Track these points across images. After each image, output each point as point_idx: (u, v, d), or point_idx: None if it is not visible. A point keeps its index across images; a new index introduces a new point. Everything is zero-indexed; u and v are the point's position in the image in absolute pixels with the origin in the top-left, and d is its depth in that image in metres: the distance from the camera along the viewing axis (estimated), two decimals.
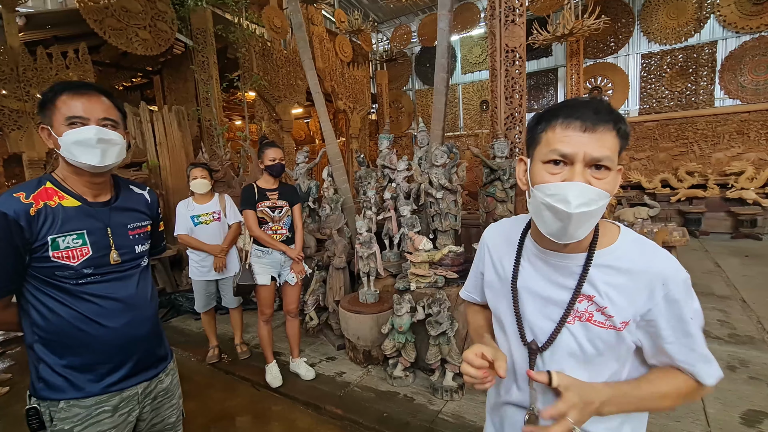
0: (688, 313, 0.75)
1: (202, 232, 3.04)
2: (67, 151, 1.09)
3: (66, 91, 1.10)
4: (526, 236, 0.88)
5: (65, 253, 1.10)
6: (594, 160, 0.70)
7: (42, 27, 5.78)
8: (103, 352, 1.16)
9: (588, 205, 0.69)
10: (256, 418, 2.58)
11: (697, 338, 0.76)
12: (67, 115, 1.08)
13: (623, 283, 0.76)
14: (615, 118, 0.71)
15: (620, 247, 0.79)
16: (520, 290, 0.86)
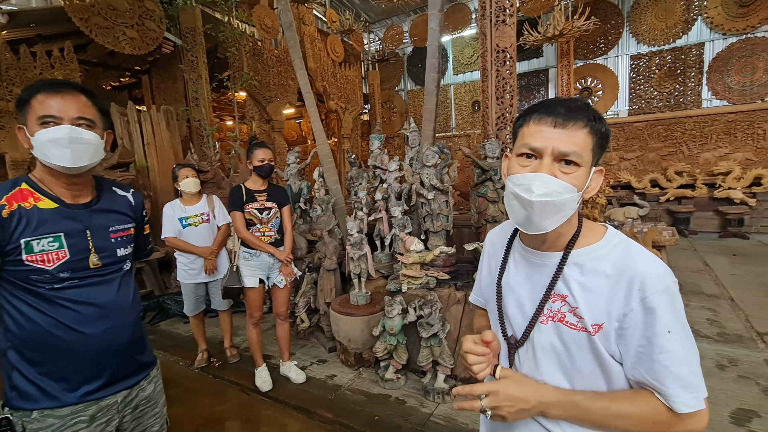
0: (666, 324, 0.68)
1: (190, 234, 2.99)
2: (39, 152, 1.06)
3: (43, 89, 1.06)
4: (516, 236, 0.90)
5: (40, 256, 1.06)
6: (562, 155, 0.72)
7: (26, 25, 5.65)
8: (80, 359, 1.12)
9: (550, 196, 0.71)
10: (245, 423, 2.54)
11: (674, 355, 0.68)
12: (39, 114, 1.04)
13: (598, 285, 0.73)
14: (589, 116, 0.73)
15: (601, 248, 0.77)
16: (504, 287, 0.88)
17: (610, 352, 0.73)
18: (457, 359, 2.61)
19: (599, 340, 0.73)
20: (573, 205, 0.74)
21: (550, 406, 0.74)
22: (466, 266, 3.27)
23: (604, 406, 0.72)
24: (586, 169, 0.74)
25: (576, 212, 0.79)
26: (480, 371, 0.81)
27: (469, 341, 0.83)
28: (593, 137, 0.73)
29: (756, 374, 2.58)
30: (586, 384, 0.76)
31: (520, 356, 0.84)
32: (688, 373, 0.68)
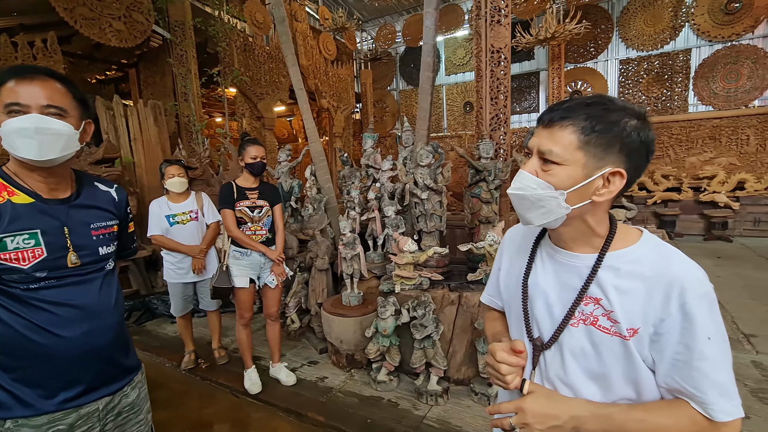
0: (705, 331, 0.66)
1: (178, 232, 2.91)
2: (6, 143, 0.98)
3: (14, 76, 0.98)
4: (544, 235, 0.87)
5: (14, 254, 0.99)
6: (541, 153, 0.74)
7: (7, 14, 5.47)
8: (57, 364, 1.05)
9: (522, 190, 0.76)
10: (234, 426, 2.48)
11: (714, 362, 0.66)
12: (6, 101, 0.96)
13: (635, 288, 0.71)
14: (580, 115, 0.70)
15: (637, 251, 0.74)
16: (531, 287, 0.85)
17: (642, 357, 0.71)
18: (450, 360, 2.59)
19: (634, 345, 0.70)
20: (556, 203, 0.73)
21: (583, 421, 0.71)
22: (459, 267, 3.25)
23: (640, 419, 0.69)
24: (573, 168, 0.71)
25: (602, 214, 0.77)
26: (511, 382, 0.78)
27: (500, 351, 0.80)
28: (584, 135, 0.70)
29: (744, 376, 2.61)
30: (614, 390, 0.74)
31: (546, 359, 0.81)
32: (726, 380, 0.67)
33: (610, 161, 0.70)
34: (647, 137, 0.70)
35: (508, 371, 0.78)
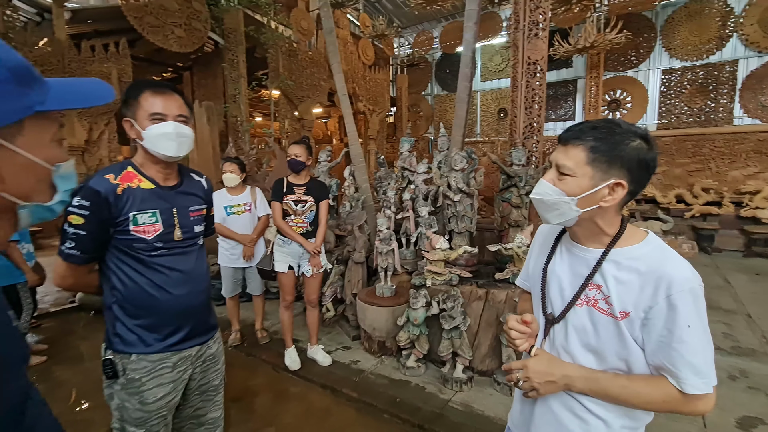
0: (686, 320, 0.79)
1: (233, 221, 3.25)
2: (149, 143, 1.26)
3: (148, 89, 1.27)
4: (565, 233, 1.05)
5: (142, 228, 1.29)
6: (558, 167, 0.91)
7: (84, 21, 6.11)
8: (167, 315, 1.33)
9: (540, 195, 0.94)
10: (276, 396, 2.77)
11: (691, 346, 0.79)
12: (150, 111, 1.25)
13: (630, 280, 0.86)
14: (588, 137, 0.87)
15: (639, 250, 0.89)
16: (549, 273, 1.03)
17: (633, 337, 0.86)
18: (475, 352, 2.77)
19: (624, 325, 0.85)
20: (568, 208, 0.89)
21: (574, 381, 0.90)
22: (487, 267, 3.43)
23: (623, 385, 0.86)
24: (582, 179, 0.87)
25: (613, 216, 0.92)
26: (520, 345, 0.99)
27: (513, 320, 1.00)
28: (591, 153, 0.86)
29: (765, 386, 2.65)
30: (608, 361, 0.90)
31: (555, 331, 0.99)
32: (701, 363, 0.80)
33: (614, 174, 0.85)
34: (647, 156, 0.84)
35: (516, 336, 0.99)
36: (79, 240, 1.21)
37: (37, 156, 0.55)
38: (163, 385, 1.30)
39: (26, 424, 0.60)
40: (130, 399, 1.27)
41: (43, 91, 0.54)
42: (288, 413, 2.56)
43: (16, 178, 0.53)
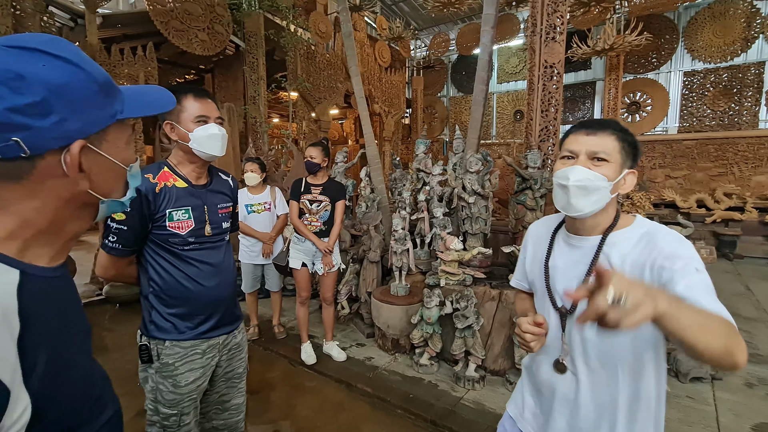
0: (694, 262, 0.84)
1: (253, 220, 3.37)
2: (197, 143, 1.36)
3: (190, 93, 1.38)
4: (561, 227, 1.10)
5: (177, 224, 1.39)
6: (593, 153, 0.94)
7: (114, 26, 6.36)
8: (199, 305, 1.43)
9: (580, 181, 0.93)
10: (292, 389, 2.86)
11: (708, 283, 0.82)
12: (195, 114, 1.36)
13: (630, 252, 0.92)
14: (616, 127, 0.95)
15: (631, 230, 0.97)
16: (551, 268, 1.07)
17: None
18: (487, 352, 2.81)
19: None
20: (606, 192, 0.93)
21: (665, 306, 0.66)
22: (500, 269, 3.46)
23: (700, 311, 0.74)
24: (615, 165, 0.94)
25: (614, 205, 0.98)
26: (534, 347, 1.00)
27: (525, 322, 1.00)
28: (620, 142, 0.94)
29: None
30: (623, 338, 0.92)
31: (570, 323, 1.02)
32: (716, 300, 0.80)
33: (628, 164, 0.96)
34: (640, 150, 0.98)
35: (531, 339, 0.99)
36: (121, 234, 1.31)
37: (117, 158, 0.63)
38: (194, 370, 1.40)
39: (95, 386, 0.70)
40: (164, 382, 1.37)
41: (121, 101, 0.63)
42: (304, 406, 2.65)
43: (101, 178, 0.61)
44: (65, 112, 0.54)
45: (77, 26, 6.08)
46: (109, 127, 0.60)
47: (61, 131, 0.54)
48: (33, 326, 0.53)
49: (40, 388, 0.53)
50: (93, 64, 0.59)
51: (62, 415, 0.58)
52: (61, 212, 0.60)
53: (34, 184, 0.55)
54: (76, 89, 0.55)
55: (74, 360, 0.63)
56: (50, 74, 0.52)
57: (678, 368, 2.76)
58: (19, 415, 0.49)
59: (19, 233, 0.56)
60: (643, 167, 7.92)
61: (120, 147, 0.63)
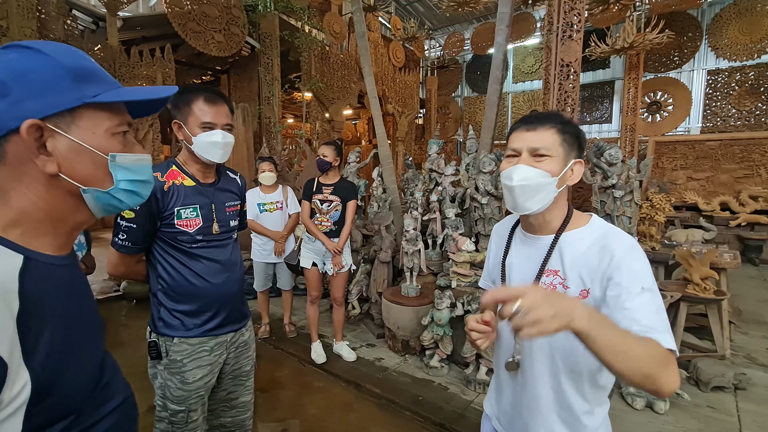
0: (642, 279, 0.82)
1: (266, 218, 3.39)
2: (198, 148, 1.38)
3: (201, 97, 1.37)
4: (518, 226, 1.10)
5: (185, 222, 1.39)
6: (533, 150, 0.93)
7: (134, 28, 6.52)
8: (206, 302, 1.43)
9: (524, 180, 0.91)
10: (302, 388, 2.86)
11: (655, 301, 0.81)
12: (201, 120, 1.36)
13: (582, 259, 0.91)
14: (556, 120, 0.94)
15: (585, 231, 0.95)
16: (508, 266, 1.07)
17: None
18: None
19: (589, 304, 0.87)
20: (552, 188, 0.92)
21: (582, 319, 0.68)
22: None
23: (624, 333, 0.74)
24: (558, 159, 0.92)
25: (564, 199, 0.98)
26: (482, 345, 0.94)
27: (472, 320, 0.94)
28: (561, 135, 0.92)
29: None
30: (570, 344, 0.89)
31: None
32: (661, 321, 0.79)
33: (573, 155, 0.95)
34: (585, 139, 0.97)
35: (477, 336, 0.93)
36: (130, 232, 1.33)
37: (91, 144, 0.62)
38: (202, 367, 1.40)
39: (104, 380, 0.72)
40: (172, 378, 1.38)
41: (101, 89, 0.63)
42: (312, 405, 2.65)
43: (74, 163, 0.62)
44: (22, 93, 0.56)
45: (98, 29, 6.25)
46: (80, 111, 0.61)
47: (18, 111, 0.56)
48: (34, 308, 0.55)
49: (41, 367, 0.55)
50: (68, 54, 0.61)
51: (66, 396, 0.60)
52: (52, 201, 0.62)
53: (14, 167, 0.59)
54: (38, 73, 0.57)
55: (80, 346, 0.65)
56: (14, 62, 0.56)
57: (698, 377, 2.66)
58: (18, 390, 0.52)
59: (19, 221, 0.60)
60: (663, 168, 7.70)
61: (98, 134, 0.63)
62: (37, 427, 0.56)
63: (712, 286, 2.89)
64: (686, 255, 2.96)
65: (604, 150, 3.06)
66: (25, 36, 4.30)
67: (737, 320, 3.74)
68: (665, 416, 2.39)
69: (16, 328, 0.52)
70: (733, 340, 3.35)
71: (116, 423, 0.71)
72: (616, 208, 2.99)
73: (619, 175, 3.00)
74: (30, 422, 0.54)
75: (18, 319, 0.53)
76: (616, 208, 2.99)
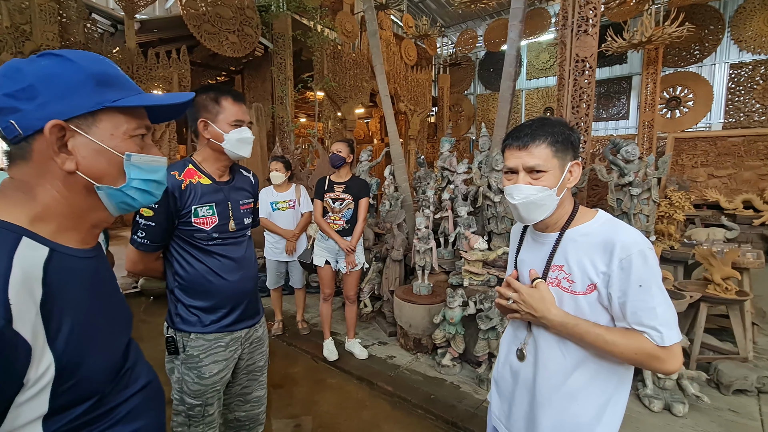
0: (638, 280, 0.88)
1: (278, 217, 3.43)
2: (230, 145, 1.41)
3: (230, 96, 1.42)
4: (529, 226, 1.14)
5: (202, 220, 1.42)
6: (530, 168, 0.98)
7: (151, 31, 6.65)
8: (222, 299, 1.46)
9: (527, 198, 0.97)
10: (314, 384, 2.89)
11: (655, 298, 0.88)
12: (233, 118, 1.40)
13: (588, 254, 0.95)
14: (546, 132, 0.97)
15: (591, 226, 1.00)
16: (519, 262, 1.14)
17: (604, 306, 0.94)
18: None
19: (591, 298, 0.95)
20: (553, 197, 0.98)
21: (550, 323, 0.97)
22: None
23: (599, 333, 0.92)
24: (554, 170, 0.97)
25: (570, 200, 1.04)
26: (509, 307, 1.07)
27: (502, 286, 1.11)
28: (552, 147, 0.97)
29: None
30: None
31: None
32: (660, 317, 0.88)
33: (569, 158, 0.99)
34: (578, 137, 1.01)
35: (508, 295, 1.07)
36: (149, 230, 1.36)
37: (108, 144, 0.66)
38: (218, 362, 1.43)
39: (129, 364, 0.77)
40: (189, 373, 1.41)
41: (121, 94, 0.67)
42: (325, 402, 2.67)
43: (91, 161, 0.66)
44: (48, 96, 0.60)
45: (117, 32, 6.40)
46: (101, 114, 0.65)
47: (44, 112, 0.60)
48: (57, 295, 0.59)
49: (64, 351, 0.59)
50: (93, 61, 0.65)
51: (88, 379, 0.64)
52: (72, 198, 0.66)
53: (38, 164, 0.63)
54: (63, 78, 0.62)
55: (103, 333, 0.69)
56: (44, 68, 0.61)
57: (719, 379, 2.59)
58: (43, 371, 0.56)
59: (46, 216, 0.64)
60: (683, 166, 7.50)
61: (116, 136, 0.67)
62: (63, 406, 0.60)
63: (734, 287, 2.80)
64: (707, 254, 2.89)
65: (621, 147, 2.99)
66: (47, 39, 4.43)
67: (761, 322, 3.62)
68: (684, 419, 2.33)
69: (39, 313, 0.56)
70: (757, 342, 3.25)
71: (141, 403, 0.75)
72: (633, 206, 2.93)
73: (636, 172, 2.94)
74: (56, 401, 0.58)
75: (41, 305, 0.56)
76: (633, 206, 2.93)
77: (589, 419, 0.99)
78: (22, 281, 0.55)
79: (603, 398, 0.99)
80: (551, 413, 1.01)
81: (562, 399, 1.00)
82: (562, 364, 1.00)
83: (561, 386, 1.00)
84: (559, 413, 1.00)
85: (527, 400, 1.06)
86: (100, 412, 0.67)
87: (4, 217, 0.60)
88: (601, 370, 0.98)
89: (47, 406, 0.57)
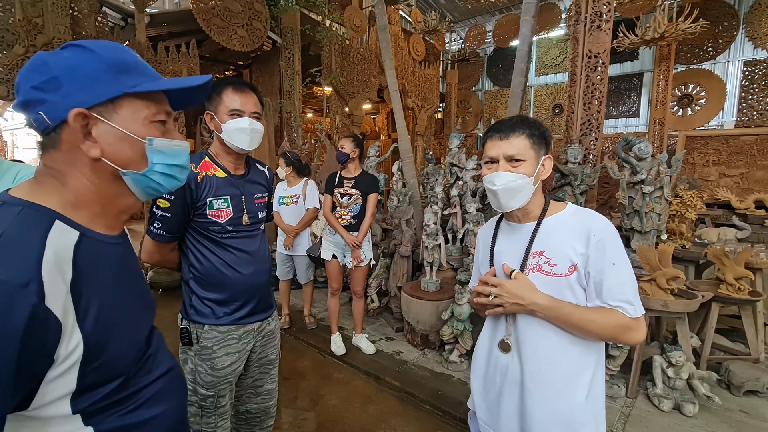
0: (612, 258, 1.00)
1: (282, 211, 3.45)
2: (227, 136, 1.41)
3: (230, 86, 1.41)
4: (502, 219, 1.24)
5: (216, 212, 1.42)
6: (509, 156, 1.06)
7: (160, 24, 6.66)
8: (235, 291, 1.47)
9: (506, 184, 1.05)
10: (321, 379, 2.90)
11: (625, 274, 1.00)
12: (230, 107, 1.39)
13: (566, 238, 1.05)
14: (524, 126, 1.07)
15: (564, 215, 1.10)
16: (496, 254, 1.19)
17: (582, 286, 1.04)
18: None
19: (570, 279, 1.03)
20: (529, 186, 1.07)
21: (539, 308, 1.03)
22: None
23: (581, 312, 1.01)
24: (531, 160, 1.06)
25: (541, 193, 1.14)
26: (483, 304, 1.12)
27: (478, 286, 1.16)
28: (530, 139, 1.06)
29: None
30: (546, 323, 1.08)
31: None
32: (630, 292, 1.00)
33: (543, 152, 1.09)
34: (550, 135, 1.11)
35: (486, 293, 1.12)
36: (165, 221, 1.37)
37: (129, 130, 0.68)
38: (230, 354, 1.44)
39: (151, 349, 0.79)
40: (202, 364, 1.42)
41: (140, 80, 0.68)
42: (333, 396, 2.69)
43: (115, 148, 0.67)
44: (71, 86, 0.63)
45: (127, 25, 6.41)
46: (121, 101, 0.67)
47: (68, 102, 0.62)
48: (86, 277, 0.62)
49: (92, 330, 0.61)
50: (112, 50, 0.67)
51: (114, 360, 0.66)
52: (99, 184, 0.68)
53: (67, 153, 0.65)
54: (84, 68, 0.64)
55: (128, 317, 0.71)
56: (66, 59, 0.63)
57: (730, 380, 2.57)
58: (73, 348, 0.58)
59: (77, 202, 0.66)
60: (694, 164, 7.40)
61: (137, 121, 0.69)
62: (90, 385, 0.63)
63: (747, 287, 2.77)
64: (720, 254, 2.85)
65: (633, 144, 2.96)
66: (58, 32, 4.46)
67: None
68: (694, 419, 2.32)
69: (69, 293, 0.59)
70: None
71: (163, 388, 0.78)
72: (644, 204, 2.90)
73: (648, 170, 2.91)
74: (83, 380, 0.61)
75: (71, 286, 0.59)
76: (644, 204, 2.90)
77: (581, 399, 1.04)
78: (54, 261, 0.57)
79: (588, 376, 1.05)
80: (543, 401, 1.05)
81: (553, 384, 1.04)
82: (547, 348, 1.05)
83: (550, 371, 1.05)
84: (552, 399, 1.04)
85: (517, 395, 1.09)
86: (125, 394, 0.69)
87: (39, 201, 0.62)
88: (584, 350, 1.05)
89: (75, 383, 0.60)
